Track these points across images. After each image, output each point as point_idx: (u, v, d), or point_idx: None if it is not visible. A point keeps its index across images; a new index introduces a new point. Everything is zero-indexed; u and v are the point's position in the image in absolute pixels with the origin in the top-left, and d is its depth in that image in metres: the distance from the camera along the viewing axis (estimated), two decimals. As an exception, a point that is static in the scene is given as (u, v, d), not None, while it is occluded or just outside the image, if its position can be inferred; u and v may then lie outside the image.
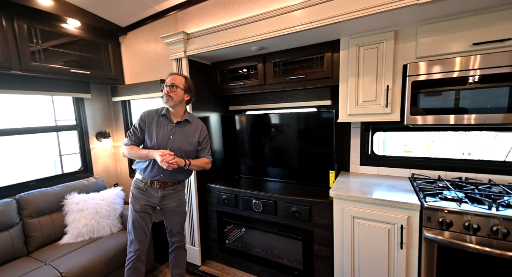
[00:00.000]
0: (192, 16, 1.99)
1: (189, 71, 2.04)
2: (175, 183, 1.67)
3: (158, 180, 1.60)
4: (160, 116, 1.60)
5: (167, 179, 1.62)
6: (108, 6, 2.06)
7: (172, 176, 1.62)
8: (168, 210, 1.70)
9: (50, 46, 1.98)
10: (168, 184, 1.64)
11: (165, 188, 1.64)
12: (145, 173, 1.60)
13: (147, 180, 1.60)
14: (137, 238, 1.62)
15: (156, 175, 1.59)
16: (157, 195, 1.63)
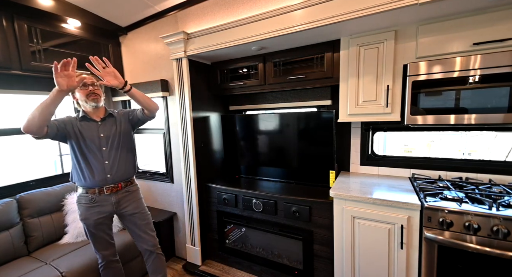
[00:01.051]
0: (192, 16, 1.99)
1: (189, 71, 2.05)
2: (127, 184, 1.56)
3: (106, 185, 1.47)
4: (80, 119, 1.46)
5: (117, 178, 1.49)
6: (108, 6, 2.06)
7: (119, 171, 1.50)
8: (128, 215, 1.56)
9: (50, 46, 1.98)
10: (120, 187, 1.51)
11: (117, 192, 1.51)
12: (87, 181, 1.44)
13: (93, 189, 1.45)
14: (99, 249, 1.56)
15: (102, 179, 1.45)
16: (111, 201, 1.49)
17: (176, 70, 2.08)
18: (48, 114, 1.23)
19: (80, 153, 1.43)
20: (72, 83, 1.21)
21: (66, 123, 1.42)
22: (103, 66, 1.33)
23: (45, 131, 1.29)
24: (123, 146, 1.55)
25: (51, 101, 1.20)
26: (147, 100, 1.49)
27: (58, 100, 1.22)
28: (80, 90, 1.41)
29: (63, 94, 1.21)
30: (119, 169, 1.51)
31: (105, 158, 1.48)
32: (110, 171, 1.48)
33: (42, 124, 1.24)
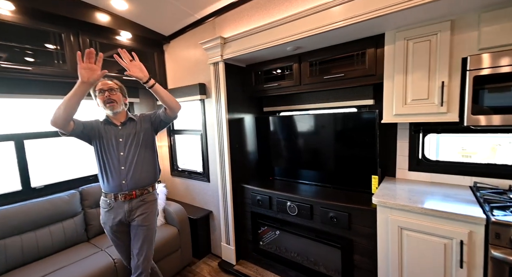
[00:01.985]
0: (229, 20, 2.05)
1: (225, 74, 2.11)
2: (143, 192, 1.51)
3: (121, 191, 1.45)
4: (104, 124, 1.50)
5: (131, 185, 1.46)
6: (154, 18, 2.24)
7: (134, 178, 1.47)
8: (134, 226, 1.50)
9: (107, 57, 2.23)
10: (134, 195, 1.47)
11: (131, 200, 1.47)
12: (106, 186, 1.47)
13: (110, 194, 1.46)
14: (123, 258, 1.63)
15: (118, 185, 1.44)
16: (124, 209, 1.46)
17: (213, 74, 2.16)
18: (72, 107, 1.22)
19: (101, 156, 1.46)
20: (94, 76, 1.20)
21: (93, 125, 1.47)
22: (130, 59, 1.35)
23: (71, 126, 1.31)
24: (142, 151, 1.51)
25: (74, 93, 1.19)
26: (170, 98, 1.45)
27: (80, 92, 1.20)
28: (99, 97, 1.43)
29: (85, 86, 1.20)
30: (135, 176, 1.47)
31: (122, 163, 1.46)
32: (126, 177, 1.45)
33: (68, 117, 1.24)
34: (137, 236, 1.50)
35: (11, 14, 1.70)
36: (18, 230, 1.73)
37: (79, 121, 1.39)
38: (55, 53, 1.93)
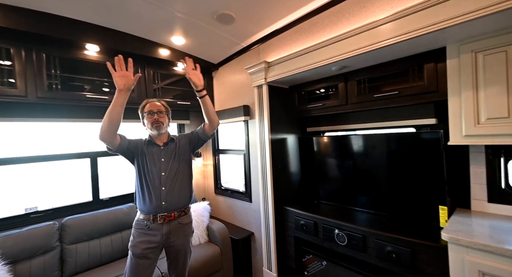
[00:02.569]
0: (272, 46, 2.14)
1: (268, 96, 2.17)
2: (181, 214, 1.51)
3: (160, 212, 1.44)
4: (147, 144, 1.53)
5: (170, 206, 1.46)
6: (206, 49, 2.49)
7: (174, 199, 1.47)
8: (173, 249, 1.50)
9: (165, 85, 2.53)
10: (173, 216, 1.46)
11: (170, 222, 1.46)
12: (145, 206, 1.44)
13: (149, 215, 1.43)
14: None
15: (157, 206, 1.43)
16: (162, 232, 1.44)
17: (256, 96, 2.24)
18: (115, 117, 1.25)
19: (143, 175, 1.46)
20: (129, 82, 1.24)
21: (137, 143, 1.50)
22: (193, 68, 1.46)
23: (117, 141, 1.35)
24: (181, 172, 1.53)
25: (114, 103, 1.23)
26: (214, 111, 1.53)
27: (120, 101, 1.24)
28: (147, 118, 1.49)
29: (123, 93, 1.24)
30: (174, 197, 1.47)
31: (163, 184, 1.46)
32: (166, 198, 1.45)
33: (113, 128, 1.27)
34: (176, 260, 1.52)
35: (97, 55, 2.09)
36: (87, 237, 1.96)
37: (124, 137, 1.43)
38: (125, 84, 2.28)
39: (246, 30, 2.12)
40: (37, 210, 2.03)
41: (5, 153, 1.94)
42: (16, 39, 1.71)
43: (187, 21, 1.99)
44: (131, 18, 1.92)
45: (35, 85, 1.80)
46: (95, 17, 1.89)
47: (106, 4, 1.72)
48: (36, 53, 1.81)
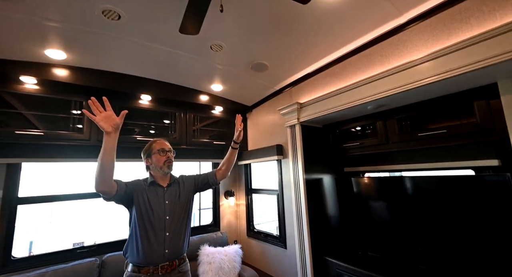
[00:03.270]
0: (304, 88, 2.23)
1: (301, 135, 2.17)
2: (181, 261, 1.38)
3: (162, 262, 1.29)
4: (149, 185, 1.41)
5: (173, 254, 1.33)
6: (241, 93, 2.70)
7: (177, 245, 1.36)
8: None
9: (202, 126, 2.73)
10: (174, 265, 1.33)
11: (171, 272, 1.31)
12: (144, 257, 1.27)
13: (147, 268, 1.27)
14: None
15: (160, 255, 1.29)
16: None
17: (289, 136, 2.26)
18: (109, 163, 1.13)
19: (142, 221, 1.31)
20: (115, 120, 1.12)
21: (136, 186, 1.37)
22: (241, 124, 1.62)
23: (114, 188, 1.23)
24: (184, 215, 1.44)
25: (105, 148, 1.11)
26: (233, 163, 1.59)
27: (111, 143, 1.12)
28: (158, 155, 1.42)
29: (112, 135, 1.12)
30: (177, 243, 1.36)
31: (167, 229, 1.34)
32: (169, 245, 1.32)
33: (109, 176, 1.16)
34: None
35: (148, 103, 2.40)
36: None
37: (120, 182, 1.29)
38: (169, 127, 2.52)
39: (279, 75, 2.27)
40: (83, 246, 2.15)
41: (59, 190, 2.19)
42: (87, 94, 2.07)
43: (225, 71, 2.21)
44: (178, 72, 2.22)
45: (96, 130, 2.09)
46: (149, 72, 2.23)
47: (159, 62, 2.03)
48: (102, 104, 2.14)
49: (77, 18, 1.46)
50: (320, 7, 1.41)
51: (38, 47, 1.68)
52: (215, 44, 1.78)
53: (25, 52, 1.71)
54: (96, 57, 1.90)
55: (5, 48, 1.65)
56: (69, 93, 2.02)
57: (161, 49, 1.83)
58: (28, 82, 1.86)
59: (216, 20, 1.49)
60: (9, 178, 1.90)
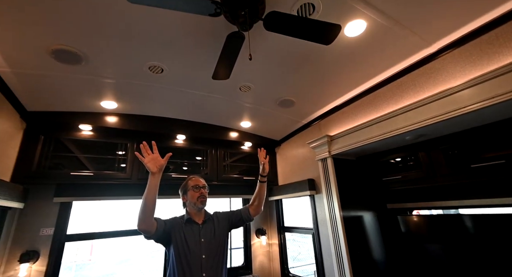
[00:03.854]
0: (333, 121, 2.20)
1: (334, 169, 2.07)
2: None
3: None
4: (185, 222, 1.42)
5: None
6: (269, 129, 2.76)
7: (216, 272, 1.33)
8: None
9: (232, 162, 2.78)
10: None
11: None
12: None
13: None
14: None
15: None
16: None
17: (321, 169, 2.17)
18: (152, 201, 1.21)
19: (179, 260, 1.31)
20: (161, 162, 1.22)
21: (173, 224, 1.39)
22: (265, 157, 1.61)
23: (154, 227, 1.27)
24: (220, 254, 1.41)
25: (149, 186, 1.19)
26: (264, 196, 1.55)
27: (155, 182, 1.21)
28: (193, 192, 1.45)
29: (156, 176, 1.21)
30: (217, 268, 1.34)
31: (204, 269, 1.31)
32: (207, 271, 1.30)
33: (151, 214, 1.22)
34: None
35: (182, 142, 2.56)
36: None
37: (160, 220, 1.34)
38: (201, 163, 2.61)
39: (306, 109, 2.30)
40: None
41: (99, 227, 2.29)
42: (131, 136, 2.30)
43: (253, 109, 2.32)
44: (210, 112, 2.38)
45: (137, 169, 2.25)
46: (185, 114, 2.42)
47: (193, 104, 2.21)
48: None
49: (128, 74, 1.70)
50: (344, 43, 1.46)
51: (95, 100, 1.97)
52: (244, 85, 1.91)
53: (85, 104, 2.01)
54: (141, 105, 2.15)
55: (70, 102, 1.96)
56: (116, 136, 2.26)
57: (195, 94, 2.02)
58: (85, 129, 2.14)
59: (245, 65, 1.62)
60: (60, 216, 2.08)
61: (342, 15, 1.27)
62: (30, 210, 1.96)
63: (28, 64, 1.49)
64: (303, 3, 1.21)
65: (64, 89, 1.78)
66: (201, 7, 1.07)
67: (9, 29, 1.24)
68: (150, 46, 1.44)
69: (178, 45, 1.45)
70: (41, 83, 1.67)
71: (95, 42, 1.38)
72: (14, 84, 1.63)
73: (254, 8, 1.12)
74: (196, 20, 1.26)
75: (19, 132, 1.90)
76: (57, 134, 2.05)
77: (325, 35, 1.21)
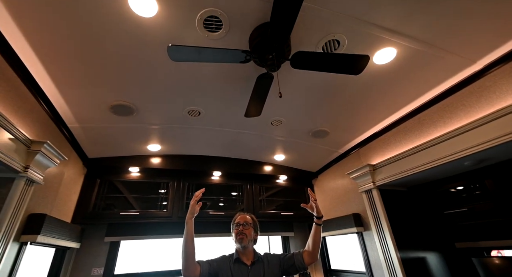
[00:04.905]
0: (374, 148, 2.06)
1: (382, 202, 1.86)
2: None
3: None
4: (234, 262, 1.36)
5: None
6: (304, 160, 2.69)
7: None
8: None
9: (268, 196, 2.71)
10: None
11: None
12: None
13: None
14: None
15: None
16: None
17: (367, 202, 1.97)
18: (192, 246, 1.24)
19: None
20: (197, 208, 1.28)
21: (220, 264, 1.36)
22: (315, 198, 1.44)
23: (198, 272, 1.26)
24: None
25: (187, 233, 1.23)
26: (320, 241, 1.39)
27: (191, 228, 1.25)
28: (234, 229, 1.43)
29: (190, 221, 1.26)
30: None
31: None
32: None
33: (192, 262, 1.23)
34: None
35: (218, 178, 2.61)
36: None
37: (203, 263, 1.33)
38: (237, 199, 2.60)
39: (341, 139, 2.21)
40: None
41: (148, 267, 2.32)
42: (171, 175, 2.43)
43: (286, 142, 2.32)
44: (243, 147, 2.44)
45: (177, 207, 2.32)
46: (219, 151, 2.52)
47: (227, 142, 2.31)
48: (182, 183, 2.46)
49: (170, 119, 1.89)
50: (374, 70, 1.44)
51: (143, 144, 2.19)
52: (275, 120, 1.95)
53: (134, 148, 2.24)
54: (181, 145, 2.32)
55: (122, 147, 2.20)
56: (159, 176, 2.42)
57: (229, 131, 2.12)
58: (133, 171, 2.35)
59: (275, 101, 1.68)
60: (110, 256, 2.17)
61: (369, 45, 1.28)
62: (84, 250, 2.10)
63: (93, 119, 1.76)
64: (328, 40, 1.26)
65: (118, 137, 2.03)
66: (233, 56, 1.18)
67: (79, 92, 1.52)
68: (189, 93, 1.61)
69: (212, 90, 1.60)
70: (100, 133, 1.94)
71: (144, 95, 1.60)
72: (80, 136, 1.92)
73: (281, 51, 1.20)
74: (228, 67, 1.39)
75: (80, 177, 2.17)
76: (110, 176, 2.28)
77: (354, 66, 1.22)
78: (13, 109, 1.27)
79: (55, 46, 1.21)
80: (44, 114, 1.53)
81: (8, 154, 1.24)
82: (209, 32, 1.20)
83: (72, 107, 1.62)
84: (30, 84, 1.34)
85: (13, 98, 1.26)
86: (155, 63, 1.36)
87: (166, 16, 1.12)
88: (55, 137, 1.68)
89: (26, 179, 1.37)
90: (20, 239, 1.40)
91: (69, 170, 1.93)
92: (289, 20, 1.02)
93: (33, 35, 1.15)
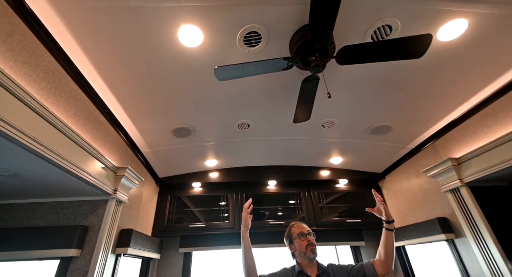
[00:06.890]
0: (455, 138, 1.73)
1: (475, 202, 1.54)
2: None
3: None
4: (297, 274, 1.27)
5: None
6: (366, 161, 2.45)
7: None
8: None
9: (328, 203, 2.54)
10: None
11: None
12: None
13: None
14: None
15: None
16: None
17: (455, 204, 1.65)
18: (252, 260, 1.24)
19: None
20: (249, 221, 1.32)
21: (283, 276, 1.32)
22: (382, 200, 1.37)
23: None
24: None
25: (245, 247, 1.25)
26: (394, 249, 1.23)
27: (248, 241, 1.26)
28: (300, 240, 1.35)
29: (246, 234, 1.27)
30: None
31: None
32: None
33: (253, 270, 1.23)
34: None
35: (274, 187, 2.60)
36: None
37: (265, 275, 1.32)
38: (296, 207, 2.52)
39: (409, 132, 1.93)
40: None
41: None
42: (229, 187, 2.53)
43: (342, 143, 2.16)
44: (296, 154, 2.38)
45: (239, 218, 2.38)
46: (273, 161, 2.52)
47: (279, 150, 2.29)
48: (240, 194, 2.53)
49: (223, 135, 1.99)
50: (442, 48, 1.22)
51: (201, 161, 2.36)
52: (327, 121, 1.85)
53: (195, 165, 2.43)
54: (235, 158, 2.41)
55: (184, 166, 2.42)
56: (218, 189, 2.55)
57: (280, 139, 2.10)
58: (196, 186, 2.54)
59: (324, 102, 1.59)
60: (185, 266, 2.37)
61: (429, 22, 1.10)
62: (163, 260, 2.34)
63: (159, 143, 2.00)
64: (377, 27, 1.13)
65: (180, 156, 2.24)
66: (275, 65, 1.18)
67: (148, 122, 1.74)
68: (237, 108, 1.67)
69: (258, 101, 1.62)
70: (166, 154, 2.18)
71: (199, 116, 1.73)
72: (152, 159, 2.19)
73: (324, 50, 1.13)
74: (271, 77, 1.39)
75: (155, 195, 2.46)
76: (178, 192, 2.52)
77: (413, 49, 1.06)
78: (102, 142, 1.54)
79: (127, 85, 1.43)
80: (123, 143, 1.81)
81: (102, 180, 1.50)
82: (250, 47, 1.23)
83: (144, 135, 1.87)
84: (112, 120, 1.60)
85: (100, 134, 1.53)
86: (204, 86, 1.46)
87: (210, 42, 1.20)
88: (133, 161, 1.97)
89: (116, 200, 1.63)
90: (116, 251, 1.65)
91: (146, 190, 2.22)
92: (329, 18, 0.96)
93: (110, 76, 1.36)
